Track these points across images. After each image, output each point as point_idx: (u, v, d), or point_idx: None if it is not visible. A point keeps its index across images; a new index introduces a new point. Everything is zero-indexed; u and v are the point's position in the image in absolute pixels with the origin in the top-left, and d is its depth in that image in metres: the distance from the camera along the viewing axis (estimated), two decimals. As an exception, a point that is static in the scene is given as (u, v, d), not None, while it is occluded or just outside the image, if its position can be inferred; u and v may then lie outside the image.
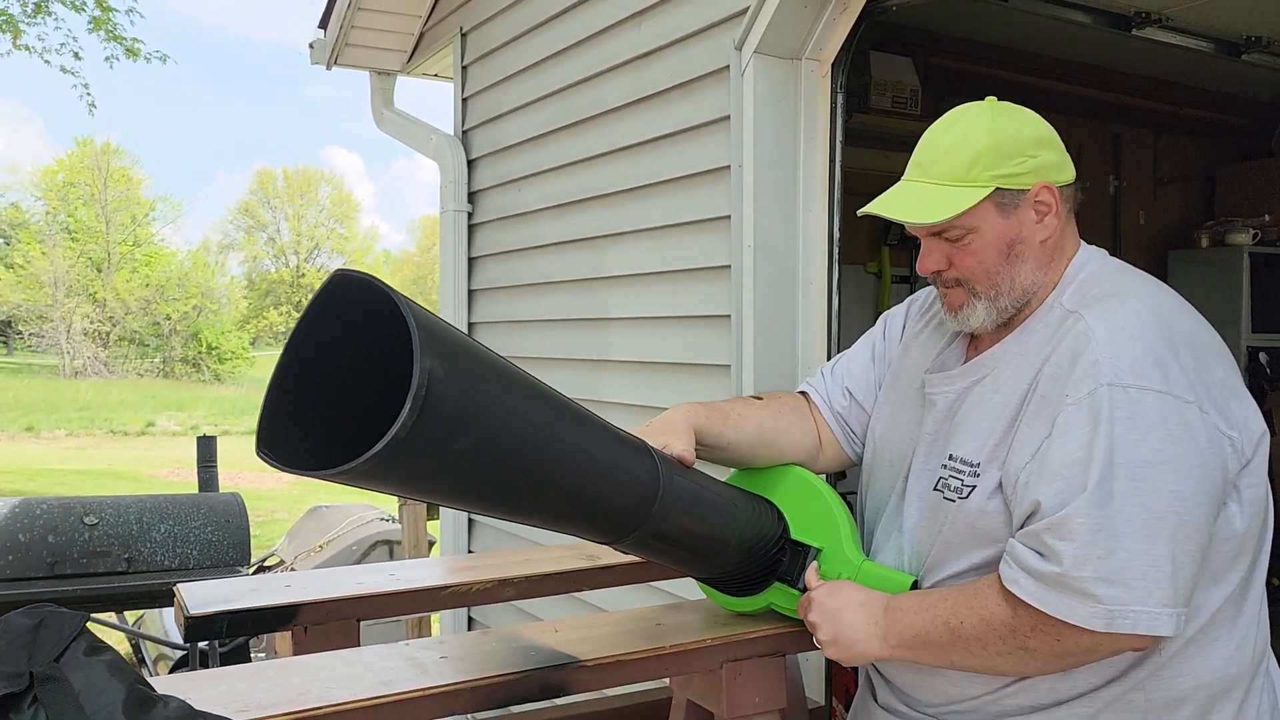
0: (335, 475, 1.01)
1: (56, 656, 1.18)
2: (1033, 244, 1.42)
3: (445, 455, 1.07)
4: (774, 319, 2.43)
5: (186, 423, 23.63)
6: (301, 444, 1.09)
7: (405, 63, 4.63)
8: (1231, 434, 1.30)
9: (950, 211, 1.39)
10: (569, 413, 1.26)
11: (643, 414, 2.96)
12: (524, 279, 3.70)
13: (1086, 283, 1.42)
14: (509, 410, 1.15)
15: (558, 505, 1.29)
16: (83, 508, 3.77)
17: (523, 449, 1.18)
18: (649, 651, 1.50)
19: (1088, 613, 1.22)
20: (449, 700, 1.34)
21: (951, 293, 1.47)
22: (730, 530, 1.51)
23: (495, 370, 1.15)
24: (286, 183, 55.27)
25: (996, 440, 1.37)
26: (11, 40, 10.44)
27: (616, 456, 1.32)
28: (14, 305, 37.24)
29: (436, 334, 1.04)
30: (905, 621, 1.39)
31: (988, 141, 1.40)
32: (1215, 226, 4.87)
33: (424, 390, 0.99)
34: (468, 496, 1.21)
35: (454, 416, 1.05)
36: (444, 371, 1.02)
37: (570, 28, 3.30)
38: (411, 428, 0.99)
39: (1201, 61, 3.84)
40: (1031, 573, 1.26)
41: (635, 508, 1.35)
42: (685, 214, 2.75)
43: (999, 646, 1.30)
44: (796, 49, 2.42)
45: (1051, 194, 1.42)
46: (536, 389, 1.22)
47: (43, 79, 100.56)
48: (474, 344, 1.15)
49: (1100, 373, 1.27)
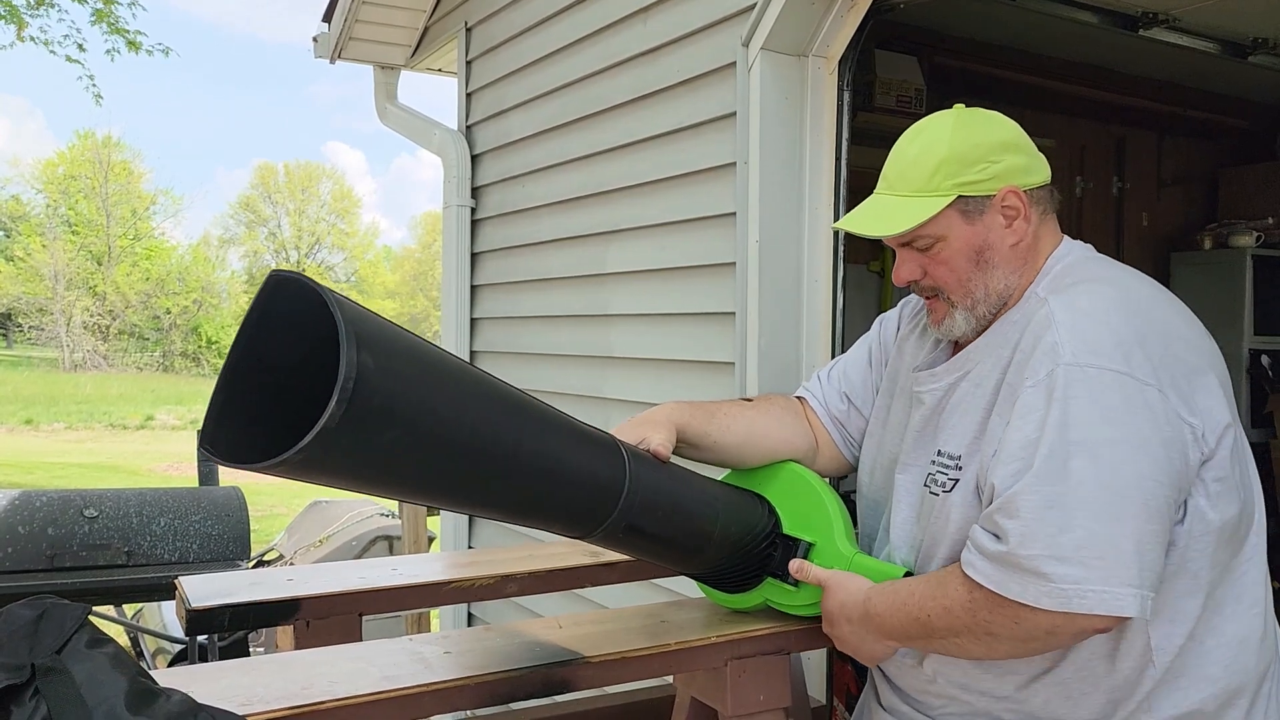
0: (269, 468, 1.03)
1: (58, 649, 1.17)
2: (1002, 249, 1.43)
3: (378, 447, 1.08)
4: (778, 317, 2.43)
5: (186, 417, 23.62)
6: (251, 441, 1.11)
7: (409, 57, 4.62)
8: (1193, 421, 1.28)
9: (912, 222, 1.41)
10: (523, 408, 1.26)
11: (643, 410, 2.95)
12: (527, 275, 3.69)
13: (1063, 273, 1.43)
14: (449, 404, 1.15)
15: (511, 499, 1.30)
16: (82, 500, 3.76)
17: (464, 442, 1.18)
18: (653, 649, 1.49)
19: (1039, 591, 1.20)
20: (452, 696, 1.33)
21: (933, 304, 1.49)
22: (711, 524, 1.51)
23: (436, 365, 1.16)
24: (288, 178, 55.23)
25: (975, 433, 1.38)
26: (16, 32, 10.42)
27: (577, 452, 1.32)
28: (14, 298, 37.23)
29: (367, 329, 1.05)
30: (886, 625, 1.41)
31: (948, 150, 1.41)
32: (1218, 229, 4.86)
33: (351, 383, 1.00)
34: (410, 489, 1.22)
35: (385, 408, 1.06)
36: (374, 364, 1.03)
37: (575, 23, 3.29)
38: (340, 419, 1.01)
39: (1207, 63, 3.83)
40: (985, 554, 1.25)
41: (600, 503, 1.35)
42: (689, 211, 2.74)
43: (967, 635, 1.30)
44: (803, 46, 2.41)
45: (1019, 198, 1.42)
46: (485, 384, 1.22)
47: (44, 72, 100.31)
48: (416, 341, 1.16)
49: (1059, 354, 1.27)
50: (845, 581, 1.48)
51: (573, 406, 3.34)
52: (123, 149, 43.15)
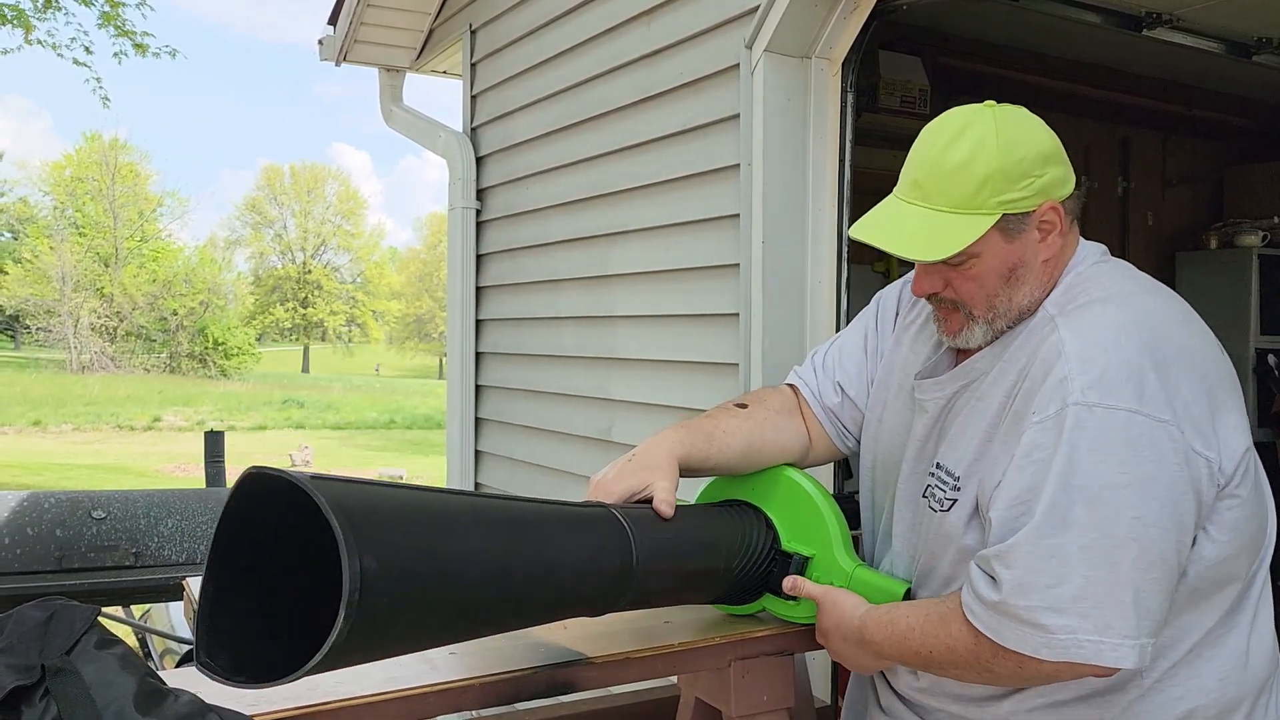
0: (282, 683, 1.02)
1: (68, 650, 1.18)
2: (1034, 265, 1.36)
3: (390, 637, 1.07)
4: (782, 318, 2.43)
5: (193, 418, 23.70)
6: (246, 637, 1.08)
7: (414, 59, 4.63)
8: (1209, 455, 1.23)
9: (957, 246, 1.32)
10: (518, 526, 1.24)
11: (649, 412, 2.97)
12: (532, 276, 3.70)
13: (1074, 285, 1.37)
14: (451, 565, 1.13)
15: (526, 619, 1.31)
16: (90, 502, 3.78)
17: (470, 598, 1.16)
18: (657, 649, 1.49)
19: (1038, 642, 1.18)
20: (457, 696, 1.34)
21: (949, 316, 1.42)
22: (717, 561, 1.50)
23: (431, 527, 1.12)
24: (294, 179, 55.38)
25: (975, 454, 1.34)
26: (24, 35, 10.46)
27: (580, 548, 1.31)
28: (22, 300, 37.35)
29: (366, 527, 1.01)
30: (881, 651, 1.40)
31: (996, 164, 1.31)
32: (1224, 228, 4.85)
33: (356, 594, 0.97)
34: (439, 642, 1.22)
35: (392, 608, 1.03)
36: (378, 566, 1.00)
37: (579, 25, 3.30)
38: (349, 632, 0.98)
39: (1211, 63, 3.82)
40: (983, 600, 1.24)
41: (612, 585, 1.35)
42: (693, 212, 2.75)
43: (969, 672, 1.30)
44: (807, 48, 2.42)
45: (1057, 213, 1.35)
46: (478, 519, 1.20)
47: (52, 75, 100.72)
48: (407, 502, 1.12)
49: (1068, 391, 1.22)
50: (840, 599, 1.46)
51: (577, 407, 3.36)
52: (129, 151, 43.34)
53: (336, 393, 32.27)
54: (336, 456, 18.82)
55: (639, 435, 3.02)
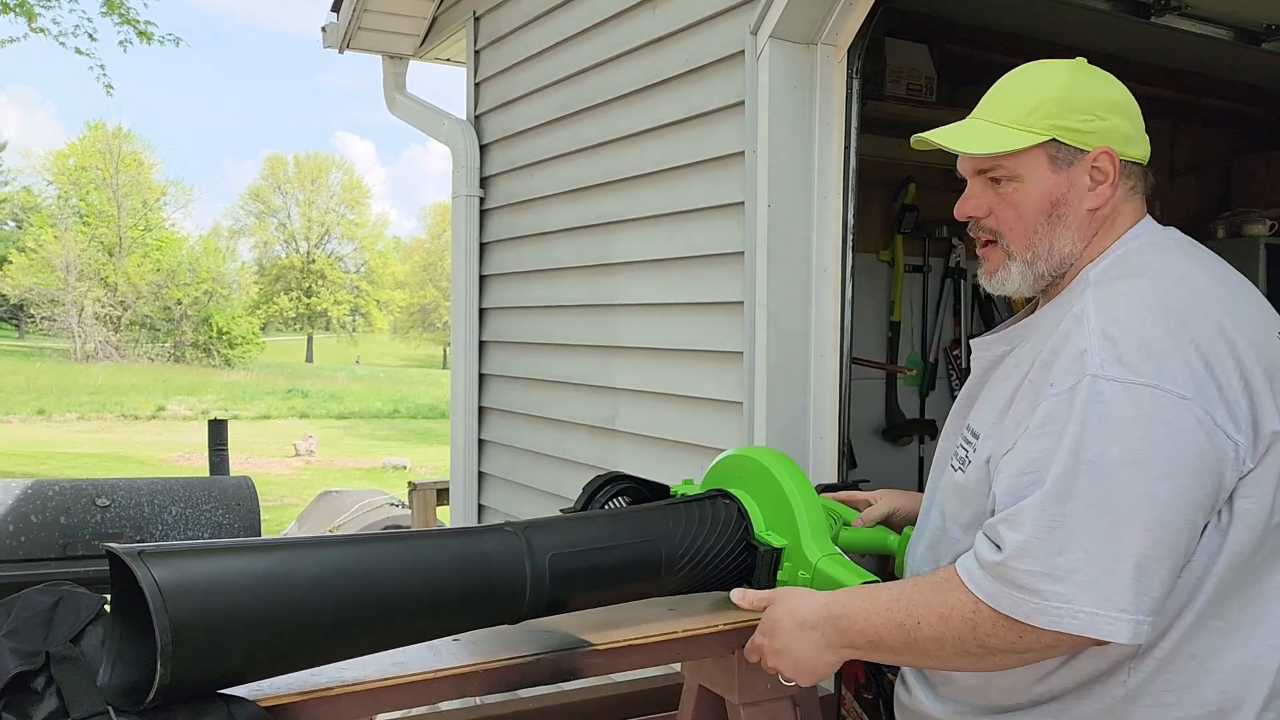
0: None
1: (74, 637, 1.18)
2: (1079, 210, 1.35)
3: (229, 667, 1.16)
4: (787, 306, 2.42)
5: (197, 407, 23.76)
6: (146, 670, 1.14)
7: (418, 47, 4.62)
8: (1238, 438, 1.20)
9: (997, 147, 1.34)
10: (380, 560, 1.29)
11: (653, 400, 2.96)
12: (535, 264, 3.69)
13: (1124, 258, 1.35)
14: (271, 609, 1.18)
15: (402, 634, 1.33)
16: (95, 490, 3.78)
17: (301, 626, 1.21)
18: (661, 636, 1.50)
19: (1031, 608, 1.17)
20: (461, 682, 1.34)
21: (989, 252, 1.42)
22: (647, 552, 1.49)
23: (254, 579, 1.18)
24: (297, 168, 55.33)
25: (995, 418, 1.33)
26: (27, 23, 10.45)
27: (459, 558, 1.35)
28: (26, 289, 37.42)
29: (180, 595, 1.10)
30: (855, 629, 1.34)
31: (1058, 93, 1.34)
32: (1231, 217, 4.83)
33: (170, 648, 1.07)
34: (316, 660, 1.27)
35: (210, 651, 1.13)
36: (188, 618, 1.10)
37: (583, 12, 3.28)
38: (172, 677, 1.08)
39: (1219, 50, 3.80)
40: (982, 562, 1.22)
41: (505, 598, 1.38)
42: (698, 200, 2.74)
43: (957, 646, 1.24)
44: (812, 34, 2.40)
45: (1111, 161, 1.34)
46: (327, 565, 1.25)
47: (55, 64, 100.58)
48: (236, 567, 1.19)
49: (1086, 363, 1.21)
50: (791, 591, 1.45)
51: (581, 396, 3.35)
52: (133, 140, 43.35)
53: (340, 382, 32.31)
54: (341, 446, 18.87)
55: (642, 424, 3.02)
